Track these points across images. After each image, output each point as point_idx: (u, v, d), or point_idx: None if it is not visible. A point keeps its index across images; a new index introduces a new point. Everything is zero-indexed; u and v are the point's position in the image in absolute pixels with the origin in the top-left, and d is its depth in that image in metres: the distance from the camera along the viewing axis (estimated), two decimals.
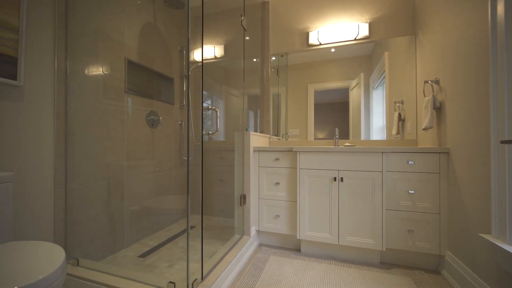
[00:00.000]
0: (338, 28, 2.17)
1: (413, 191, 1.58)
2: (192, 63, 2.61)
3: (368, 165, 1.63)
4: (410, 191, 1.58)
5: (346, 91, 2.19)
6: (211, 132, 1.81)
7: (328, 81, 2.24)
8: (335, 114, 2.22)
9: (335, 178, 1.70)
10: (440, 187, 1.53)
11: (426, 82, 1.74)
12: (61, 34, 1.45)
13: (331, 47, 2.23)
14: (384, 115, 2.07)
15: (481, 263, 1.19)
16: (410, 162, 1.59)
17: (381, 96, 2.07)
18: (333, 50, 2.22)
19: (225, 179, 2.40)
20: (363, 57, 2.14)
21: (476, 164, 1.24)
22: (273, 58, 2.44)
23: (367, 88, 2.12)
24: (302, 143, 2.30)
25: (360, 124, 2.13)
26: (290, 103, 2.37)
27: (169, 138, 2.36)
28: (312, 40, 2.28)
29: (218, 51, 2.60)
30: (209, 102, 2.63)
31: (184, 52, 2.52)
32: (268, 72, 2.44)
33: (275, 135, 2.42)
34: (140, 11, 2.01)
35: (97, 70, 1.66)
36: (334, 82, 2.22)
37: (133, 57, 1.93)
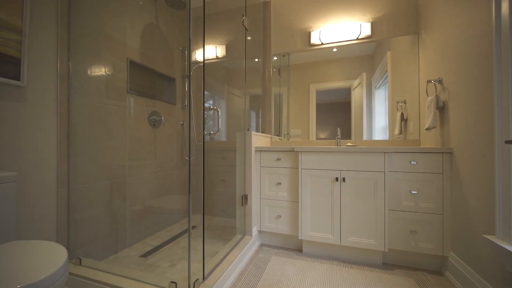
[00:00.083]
0: (340, 28, 2.17)
1: (416, 192, 1.57)
2: (194, 63, 2.61)
3: (370, 165, 1.62)
4: (413, 192, 1.56)
5: (348, 91, 2.18)
6: (213, 132, 1.81)
7: (330, 81, 2.23)
8: (337, 114, 2.21)
9: (337, 178, 1.69)
10: (443, 188, 1.52)
11: (429, 82, 1.73)
12: (64, 35, 1.46)
13: (333, 47, 2.22)
14: (387, 115, 2.06)
15: (485, 265, 1.18)
16: (413, 162, 1.58)
17: (384, 96, 2.06)
18: (335, 50, 2.21)
19: (227, 179, 2.40)
20: (365, 57, 2.13)
21: (480, 164, 1.23)
22: (275, 58, 2.43)
23: (369, 88, 2.11)
24: (304, 143, 2.30)
25: (362, 124, 2.12)
26: (292, 103, 2.36)
27: (171, 138, 2.36)
28: (314, 40, 2.27)
29: (220, 51, 2.60)
30: (211, 102, 2.63)
31: (186, 53, 2.52)
32: (270, 72, 2.44)
33: (277, 135, 2.41)
34: (142, 12, 2.02)
35: (100, 70, 1.67)
36: (336, 82, 2.21)
37: (135, 58, 1.94)
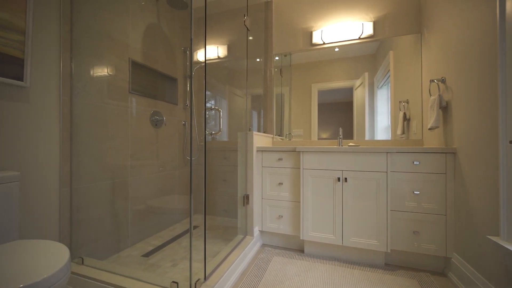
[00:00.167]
0: (342, 27, 2.16)
1: (419, 192, 1.56)
2: (196, 64, 2.62)
3: (373, 165, 1.61)
4: (416, 192, 1.55)
5: (350, 91, 2.17)
6: (214, 132, 1.82)
7: (332, 81, 2.22)
8: (339, 114, 2.20)
9: (339, 179, 1.68)
10: (447, 188, 1.51)
11: (432, 81, 1.71)
12: (66, 35, 1.47)
13: (335, 47, 2.21)
14: (389, 115, 2.04)
15: (489, 266, 1.16)
16: (416, 163, 1.56)
17: (386, 96, 2.05)
18: (337, 50, 2.20)
19: (228, 179, 2.40)
20: (368, 56, 2.12)
21: (484, 165, 1.21)
22: (277, 58, 2.43)
23: (372, 88, 2.09)
24: (306, 143, 2.29)
25: (365, 124, 2.11)
26: (294, 103, 2.36)
27: (173, 138, 2.37)
28: (316, 40, 2.26)
29: (222, 51, 2.60)
30: (213, 102, 2.63)
31: (188, 53, 2.53)
32: (272, 72, 2.43)
33: (279, 135, 2.41)
34: (144, 12, 2.03)
35: (102, 71, 1.68)
36: (338, 82, 2.20)
37: (137, 58, 1.95)
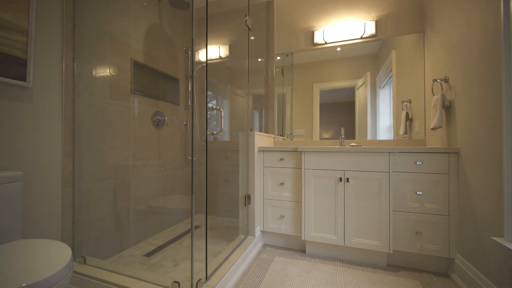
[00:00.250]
0: (344, 27, 2.15)
1: (421, 192, 1.54)
2: (197, 64, 2.62)
3: (375, 166, 1.60)
4: (418, 192, 1.54)
5: (352, 91, 2.16)
6: (216, 132, 1.82)
7: (334, 81, 2.21)
8: (341, 114, 2.19)
9: (341, 179, 1.67)
10: (450, 188, 1.49)
11: (435, 81, 1.70)
12: (69, 36, 1.48)
13: (337, 46, 2.20)
14: (391, 115, 2.03)
15: (493, 267, 1.15)
16: (418, 163, 1.55)
17: (388, 95, 2.04)
18: (339, 49, 2.20)
19: (230, 179, 2.40)
20: (370, 56, 2.11)
21: (488, 165, 1.20)
22: (278, 58, 2.42)
23: (374, 87, 2.08)
24: (307, 143, 2.28)
25: (367, 124, 2.10)
26: (295, 103, 2.35)
27: (174, 138, 2.37)
28: (318, 39, 2.26)
29: (223, 51, 2.60)
30: (214, 102, 2.63)
31: (189, 53, 2.53)
32: (273, 72, 2.43)
33: (280, 135, 2.41)
34: (146, 12, 2.04)
35: (104, 71, 1.68)
36: (340, 82, 2.19)
37: (139, 58, 1.95)
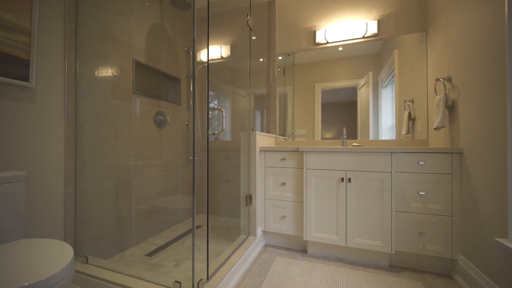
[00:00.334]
0: (346, 26, 2.14)
1: (424, 193, 1.53)
2: (199, 64, 2.63)
3: (377, 166, 1.59)
4: (421, 193, 1.53)
5: (354, 90, 2.15)
6: (217, 132, 1.82)
7: (336, 80, 2.20)
8: (343, 114, 2.18)
9: (343, 179, 1.67)
10: (453, 189, 1.48)
11: (438, 80, 1.68)
12: (71, 36, 1.49)
13: (339, 46, 2.19)
14: (394, 115, 2.02)
15: (497, 269, 1.14)
16: (421, 163, 1.54)
17: (391, 95, 2.02)
18: (341, 49, 2.19)
19: (232, 179, 2.40)
20: (372, 55, 2.09)
21: (491, 165, 1.19)
22: (280, 58, 2.42)
23: (376, 87, 2.07)
24: (309, 143, 2.28)
25: (369, 124, 2.09)
26: (297, 103, 2.34)
27: (176, 138, 2.38)
28: (319, 39, 2.25)
29: (225, 51, 2.60)
30: (216, 102, 2.64)
31: (191, 53, 2.54)
32: (275, 72, 2.43)
33: (282, 135, 2.40)
34: (148, 13, 2.04)
35: (106, 71, 1.69)
36: (342, 81, 2.18)
37: (141, 58, 1.96)
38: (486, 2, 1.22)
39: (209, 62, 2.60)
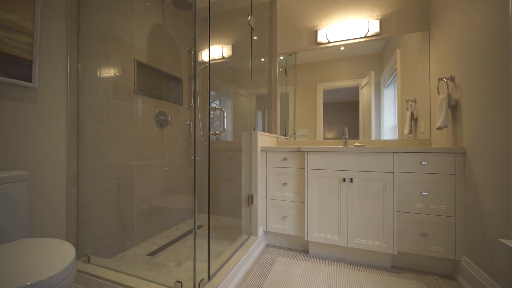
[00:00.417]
0: (348, 26, 2.13)
1: (427, 193, 1.52)
2: (200, 64, 2.63)
3: (379, 166, 1.59)
4: (424, 193, 1.52)
5: (356, 90, 2.14)
6: (218, 132, 1.82)
7: (338, 80, 2.19)
8: (345, 114, 2.17)
9: (344, 179, 1.66)
10: (456, 189, 1.47)
11: (441, 80, 1.67)
12: (73, 37, 1.49)
13: (341, 45, 2.18)
14: (396, 114, 2.01)
15: (501, 270, 1.13)
16: (424, 163, 1.53)
17: (393, 95, 2.01)
18: (343, 48, 2.18)
19: (233, 179, 2.40)
20: (374, 55, 2.08)
21: (495, 165, 1.18)
22: (281, 57, 2.41)
23: (378, 87, 2.06)
24: (311, 143, 2.27)
25: (371, 124, 2.08)
26: (299, 103, 2.34)
27: (178, 138, 2.38)
28: (321, 38, 2.24)
29: (226, 51, 2.60)
30: (217, 102, 2.64)
31: (192, 53, 2.54)
32: (276, 72, 2.42)
33: (283, 135, 2.40)
34: (149, 13, 2.05)
35: (108, 72, 1.70)
36: (344, 81, 2.17)
37: (143, 58, 1.96)
38: (490, 2, 1.21)
39: (211, 62, 2.60)
